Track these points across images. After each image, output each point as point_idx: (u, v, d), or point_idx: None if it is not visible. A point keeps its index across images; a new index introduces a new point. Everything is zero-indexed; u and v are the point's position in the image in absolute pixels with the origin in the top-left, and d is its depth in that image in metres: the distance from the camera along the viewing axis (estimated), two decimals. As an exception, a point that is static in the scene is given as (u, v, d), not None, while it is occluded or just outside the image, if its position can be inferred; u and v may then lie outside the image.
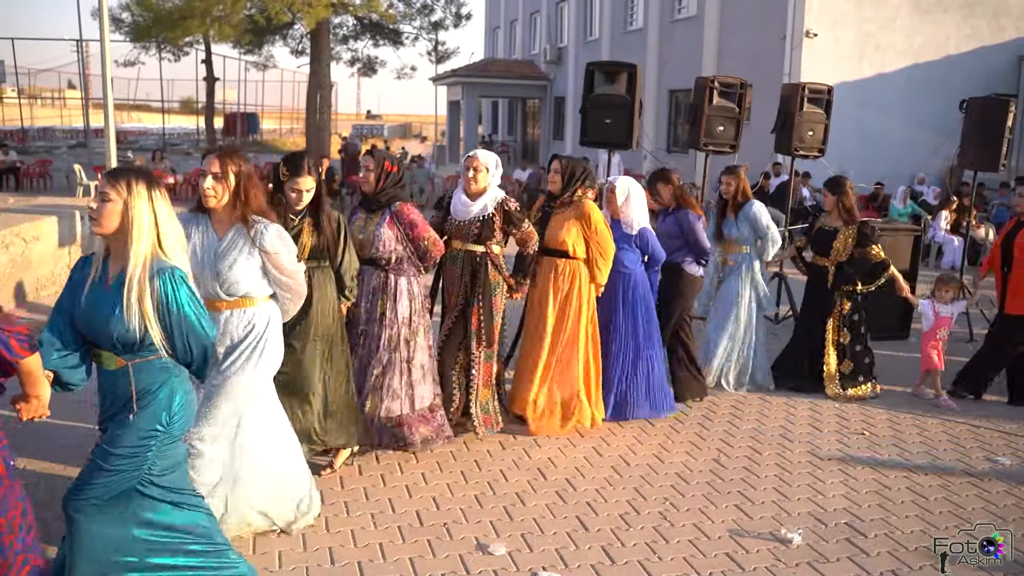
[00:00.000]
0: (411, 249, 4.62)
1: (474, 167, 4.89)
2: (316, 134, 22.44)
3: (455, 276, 5.00)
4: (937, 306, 6.36)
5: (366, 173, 4.59)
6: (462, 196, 4.96)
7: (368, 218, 4.62)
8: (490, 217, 4.91)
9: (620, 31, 25.28)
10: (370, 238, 4.55)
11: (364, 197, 4.68)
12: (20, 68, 35.92)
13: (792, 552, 3.88)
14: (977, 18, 17.17)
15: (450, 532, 3.94)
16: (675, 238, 5.84)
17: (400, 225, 4.57)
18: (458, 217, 4.96)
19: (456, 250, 4.99)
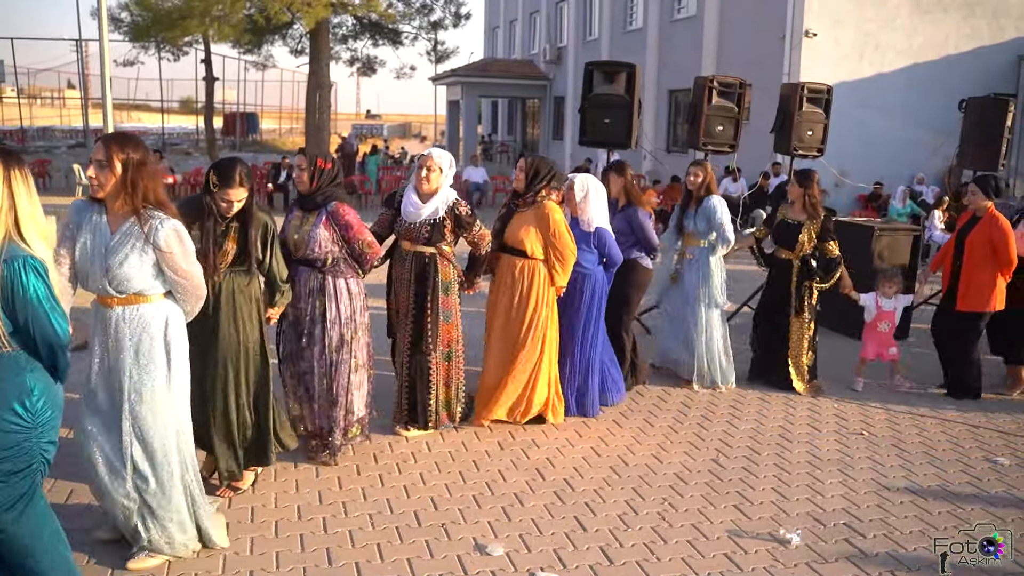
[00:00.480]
0: (347, 251, 4.54)
1: (428, 166, 4.82)
2: (315, 134, 22.42)
3: (404, 277, 4.95)
4: (880, 300, 6.51)
5: (299, 172, 4.49)
6: (413, 197, 4.88)
7: (304, 217, 4.52)
8: (441, 220, 4.85)
9: (619, 31, 25.28)
10: (305, 238, 4.46)
11: (300, 196, 4.58)
12: (19, 68, 35.94)
13: (791, 552, 3.87)
14: (977, 18, 17.16)
15: (448, 533, 3.93)
16: (625, 235, 5.87)
17: (336, 226, 4.48)
18: (408, 219, 4.89)
19: (405, 251, 4.94)
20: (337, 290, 4.52)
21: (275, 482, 4.39)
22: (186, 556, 3.55)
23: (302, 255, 4.48)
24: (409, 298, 4.93)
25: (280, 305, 4.33)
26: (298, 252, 4.49)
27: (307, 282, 4.51)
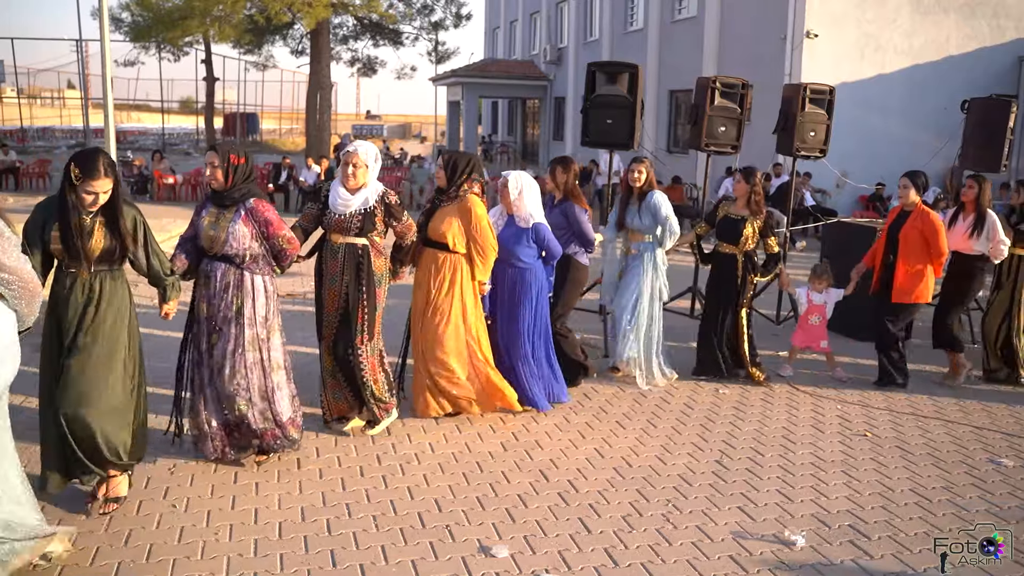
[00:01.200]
0: (267, 247, 4.47)
1: (353, 163, 4.80)
2: (316, 134, 22.43)
3: (335, 271, 4.89)
4: (811, 294, 6.76)
5: (213, 169, 4.36)
6: (341, 191, 4.86)
7: (220, 214, 4.41)
8: (372, 210, 4.84)
9: (620, 32, 25.27)
10: (221, 235, 4.36)
11: (214, 193, 4.44)
12: (20, 68, 35.97)
13: (796, 554, 3.87)
14: (977, 19, 17.15)
15: (452, 534, 3.93)
16: (562, 229, 5.89)
17: (255, 222, 4.41)
18: (337, 211, 4.86)
19: (336, 244, 4.89)
20: (255, 287, 4.44)
21: (278, 483, 4.39)
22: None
23: (219, 251, 4.39)
24: (341, 291, 4.88)
25: (174, 299, 4.26)
26: (214, 248, 4.39)
27: (223, 278, 4.41)
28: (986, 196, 6.50)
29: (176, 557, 3.61)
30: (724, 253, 6.41)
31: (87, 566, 3.51)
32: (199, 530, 3.86)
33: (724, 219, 6.41)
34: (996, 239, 6.43)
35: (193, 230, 4.51)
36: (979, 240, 6.45)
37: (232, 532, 3.84)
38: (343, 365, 5.00)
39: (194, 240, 4.50)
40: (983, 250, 6.49)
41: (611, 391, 6.18)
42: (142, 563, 3.56)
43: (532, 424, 5.42)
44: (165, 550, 3.66)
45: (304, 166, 18.90)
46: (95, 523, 3.87)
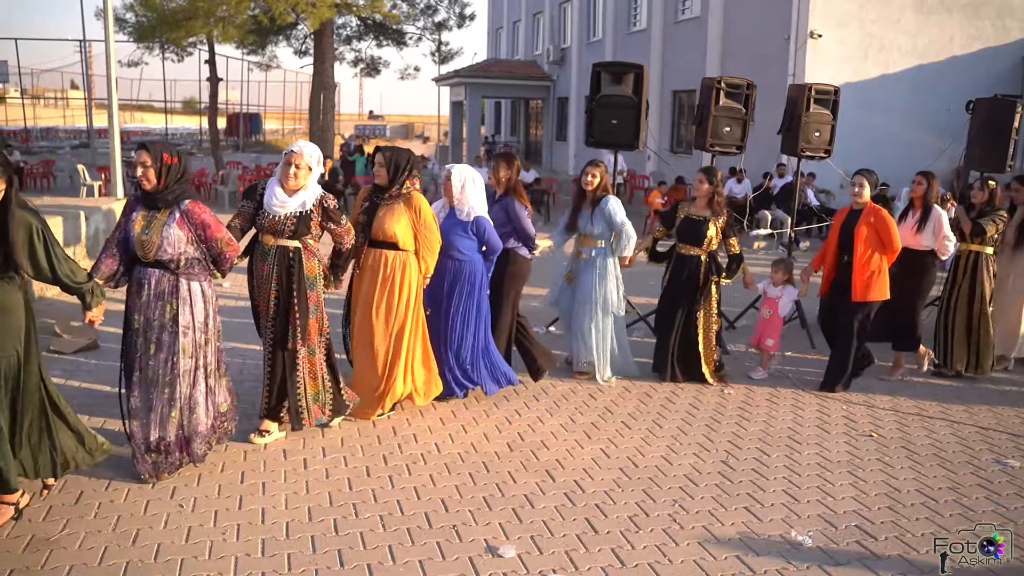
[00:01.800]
0: (203, 251, 4.28)
1: (296, 164, 4.65)
2: (319, 135, 22.42)
3: (265, 273, 4.76)
4: (767, 287, 6.74)
5: (144, 170, 4.11)
6: (278, 191, 4.70)
7: (151, 217, 4.17)
8: (308, 213, 4.71)
9: (623, 32, 25.27)
10: (155, 239, 4.13)
11: (145, 195, 4.20)
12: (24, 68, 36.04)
13: (802, 554, 3.87)
14: (981, 19, 17.13)
15: (459, 534, 3.93)
16: (502, 225, 5.87)
17: (191, 225, 4.20)
18: (272, 211, 4.69)
19: (268, 246, 4.75)
20: (191, 294, 4.25)
21: (285, 483, 4.39)
22: None
23: (153, 257, 4.16)
24: (271, 294, 4.75)
25: (96, 305, 4.00)
26: (148, 254, 4.15)
27: (157, 285, 4.20)
28: (934, 192, 6.68)
29: (184, 557, 3.61)
30: (686, 255, 6.31)
31: (95, 566, 3.52)
32: (206, 530, 3.86)
33: (685, 220, 6.32)
34: (941, 234, 6.59)
35: (122, 232, 4.25)
36: (925, 235, 6.56)
37: (239, 532, 3.85)
38: (273, 367, 4.88)
39: (125, 242, 4.23)
40: (930, 245, 6.62)
41: (616, 391, 6.19)
42: (150, 563, 3.56)
43: (538, 424, 5.43)
44: (173, 550, 3.67)
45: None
46: (102, 523, 3.88)
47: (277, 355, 4.84)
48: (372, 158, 6.05)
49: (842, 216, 6.43)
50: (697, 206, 6.32)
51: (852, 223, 6.23)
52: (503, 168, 6.01)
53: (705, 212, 6.25)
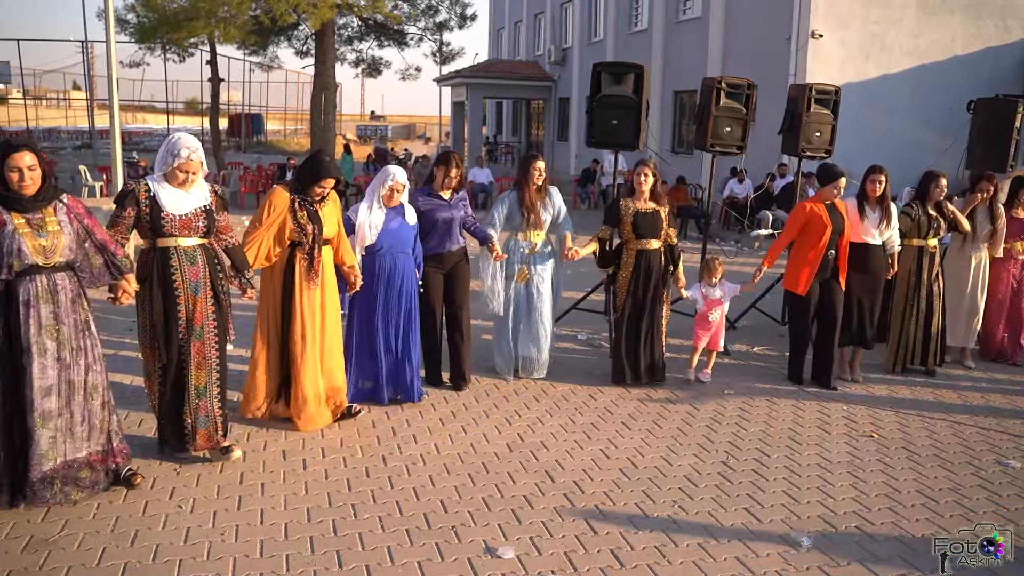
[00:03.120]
0: (92, 247, 3.99)
1: (192, 171, 4.32)
2: (321, 135, 22.44)
3: (196, 277, 4.36)
4: (705, 290, 6.60)
5: (28, 173, 3.73)
6: (171, 189, 4.32)
7: (35, 220, 3.78)
8: (210, 205, 4.44)
9: (625, 32, 25.25)
10: (59, 241, 3.81)
11: (20, 200, 3.75)
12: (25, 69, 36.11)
13: (802, 555, 3.86)
14: (983, 19, 17.11)
15: (458, 535, 3.93)
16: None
17: (76, 218, 3.92)
18: (177, 210, 4.30)
19: (188, 249, 4.35)
20: (88, 297, 4.02)
21: (284, 484, 4.39)
22: None
23: (53, 261, 3.81)
24: (206, 298, 4.41)
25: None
26: (50, 258, 3.80)
27: (63, 290, 3.87)
28: (888, 188, 6.66)
29: (182, 558, 3.61)
30: (645, 249, 6.19)
31: (93, 567, 3.52)
32: (205, 531, 3.86)
33: (639, 216, 6.16)
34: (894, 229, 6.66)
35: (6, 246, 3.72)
36: (888, 229, 6.55)
37: (238, 533, 3.85)
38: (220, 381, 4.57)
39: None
40: (884, 239, 6.59)
41: (616, 392, 6.18)
42: (148, 563, 3.56)
43: (538, 425, 5.42)
44: (172, 551, 3.67)
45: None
46: (101, 523, 3.88)
47: (217, 365, 4.52)
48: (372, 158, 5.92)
49: (825, 212, 6.28)
50: (642, 200, 6.23)
51: (839, 216, 6.30)
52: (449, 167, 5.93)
53: (652, 204, 6.22)
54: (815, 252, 6.25)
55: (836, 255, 6.33)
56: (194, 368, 4.42)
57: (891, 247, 6.64)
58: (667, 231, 6.27)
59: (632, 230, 6.17)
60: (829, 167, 6.44)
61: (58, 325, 3.84)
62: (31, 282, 3.77)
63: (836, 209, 6.34)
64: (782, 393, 6.30)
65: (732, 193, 16.30)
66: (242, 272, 4.72)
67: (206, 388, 4.47)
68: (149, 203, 4.27)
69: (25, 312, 3.76)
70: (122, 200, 4.30)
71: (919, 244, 6.80)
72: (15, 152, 3.72)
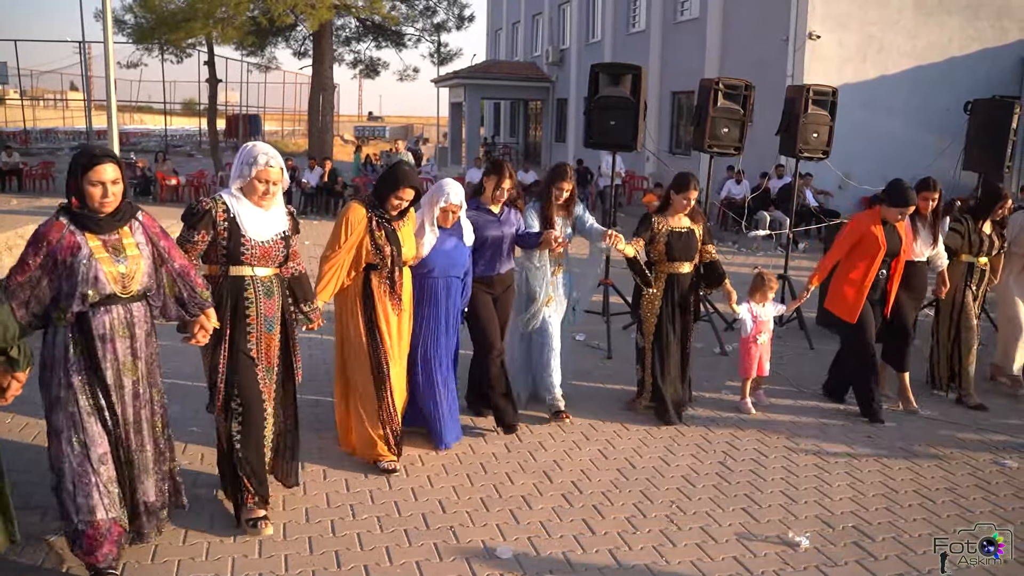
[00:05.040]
0: (172, 278, 3.46)
1: (272, 181, 3.74)
2: (318, 136, 22.46)
3: (272, 311, 3.85)
4: (753, 308, 5.90)
5: (108, 188, 3.21)
6: (253, 209, 3.76)
7: (111, 242, 3.27)
8: (288, 231, 3.91)
9: (622, 33, 25.26)
10: (139, 267, 3.32)
11: (96, 219, 3.24)
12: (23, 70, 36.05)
13: (800, 555, 3.87)
14: (980, 20, 17.14)
15: (456, 535, 3.93)
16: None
17: (150, 239, 3.40)
18: (259, 235, 3.75)
19: (265, 280, 3.81)
20: (156, 331, 3.53)
21: (282, 485, 4.39)
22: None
23: (132, 290, 3.31)
24: (276, 337, 3.90)
25: (26, 370, 3.17)
26: (128, 287, 3.30)
27: (139, 323, 3.38)
28: (940, 204, 6.10)
29: (181, 558, 3.61)
30: (678, 273, 5.53)
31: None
32: (203, 531, 3.86)
33: (673, 236, 5.47)
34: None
35: (55, 274, 3.19)
36: (936, 247, 6.08)
37: (236, 533, 3.84)
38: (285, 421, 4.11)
39: (36, 286, 3.19)
40: (929, 255, 6.09)
41: (613, 393, 6.18)
42: (147, 564, 3.56)
43: (536, 425, 5.42)
44: (170, 551, 3.66)
45: (307, 167, 18.93)
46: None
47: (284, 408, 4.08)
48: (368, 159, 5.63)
49: (881, 229, 5.63)
50: (675, 218, 5.53)
51: (896, 235, 5.69)
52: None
53: (687, 222, 5.55)
54: (859, 273, 5.64)
55: (887, 276, 5.75)
56: (271, 407, 3.96)
57: (938, 264, 6.12)
58: (705, 249, 5.63)
59: (665, 251, 5.49)
60: (904, 188, 5.64)
61: (135, 362, 3.39)
62: (107, 314, 3.27)
63: (895, 229, 5.70)
64: (779, 394, 6.30)
65: (730, 194, 16.32)
66: (302, 304, 4.11)
67: (273, 426, 4.02)
68: (228, 225, 3.70)
69: (102, 348, 3.28)
70: (195, 221, 3.70)
71: (968, 260, 6.24)
72: (99, 164, 3.20)
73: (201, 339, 3.60)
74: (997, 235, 6.33)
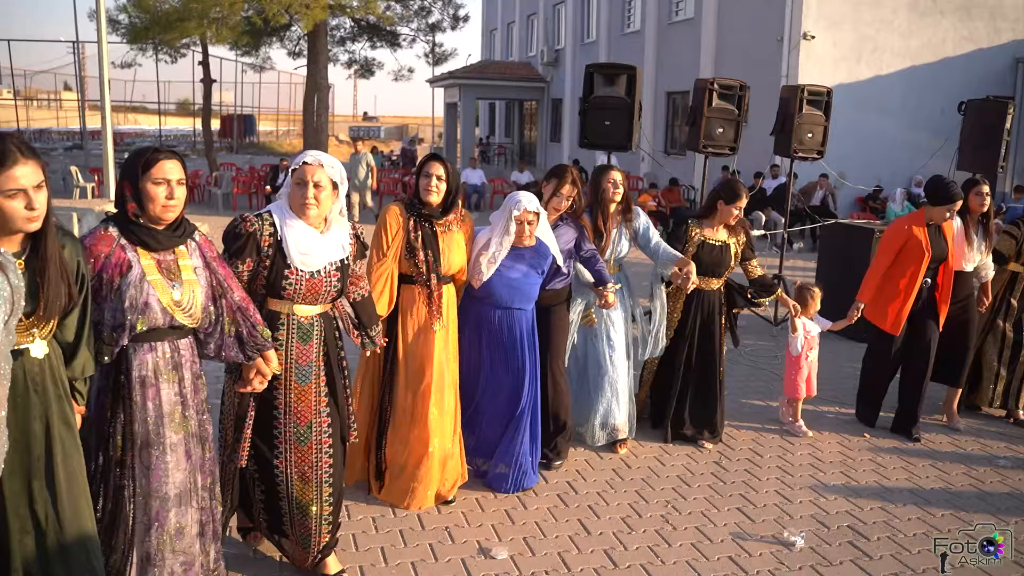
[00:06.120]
0: (231, 313, 2.93)
1: (316, 183, 3.14)
2: (313, 136, 22.40)
3: (309, 359, 3.27)
4: (806, 323, 5.47)
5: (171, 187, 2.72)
6: (305, 228, 3.17)
7: (167, 263, 2.78)
8: (348, 259, 3.34)
9: (617, 33, 25.29)
10: (193, 294, 2.81)
11: (151, 232, 2.75)
12: (16, 70, 35.90)
13: (795, 555, 3.87)
14: (974, 20, 17.20)
15: (452, 536, 3.93)
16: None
17: (209, 267, 2.90)
18: (308, 266, 3.18)
19: (306, 320, 3.26)
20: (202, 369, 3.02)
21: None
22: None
23: (186, 323, 2.81)
24: (316, 389, 3.30)
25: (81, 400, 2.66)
26: (183, 320, 2.79)
27: (188, 363, 2.88)
28: (992, 206, 5.66)
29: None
30: (708, 291, 5.12)
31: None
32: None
33: (704, 248, 5.04)
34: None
35: (99, 296, 2.67)
36: (987, 254, 5.67)
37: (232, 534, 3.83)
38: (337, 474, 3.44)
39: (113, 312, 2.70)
40: (977, 264, 5.67)
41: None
42: (141, 565, 3.55)
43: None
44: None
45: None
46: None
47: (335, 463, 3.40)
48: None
49: (924, 232, 5.26)
50: (716, 229, 5.09)
51: (941, 239, 5.32)
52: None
53: (725, 235, 5.09)
54: (906, 282, 5.26)
55: (933, 284, 5.37)
56: (297, 480, 3.30)
57: (985, 275, 5.68)
58: (750, 266, 5.22)
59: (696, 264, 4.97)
60: (947, 184, 5.23)
61: (185, 411, 2.86)
62: (150, 351, 2.76)
63: (940, 232, 5.32)
64: (774, 393, 6.31)
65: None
66: (367, 328, 3.59)
67: (310, 506, 3.33)
68: (272, 251, 3.14)
69: (142, 393, 2.76)
70: (238, 247, 3.13)
71: (1015, 270, 5.80)
72: (163, 159, 2.71)
73: (258, 386, 3.10)
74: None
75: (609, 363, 4.95)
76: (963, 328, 5.63)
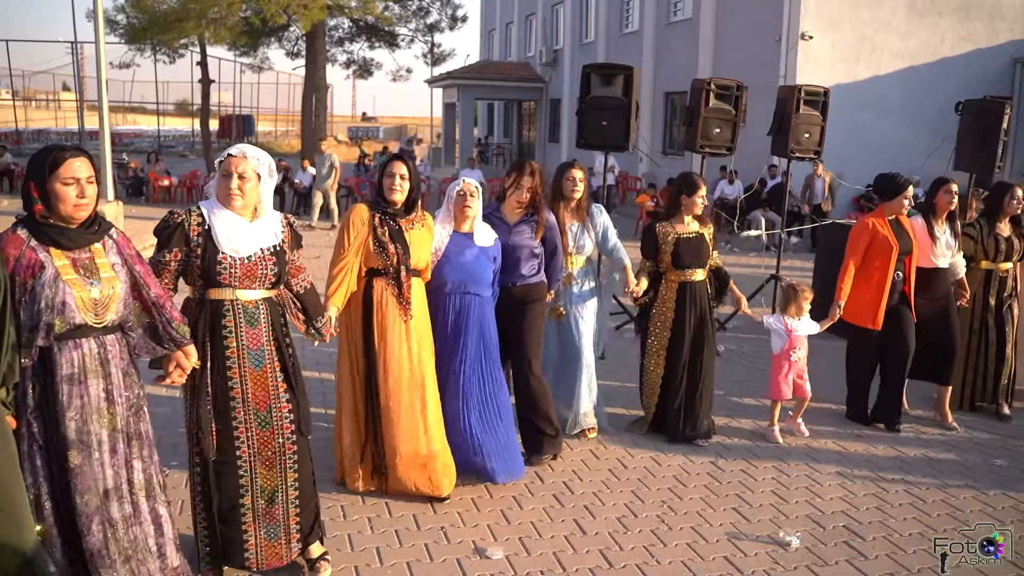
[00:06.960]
0: (146, 308, 2.97)
1: (240, 173, 3.18)
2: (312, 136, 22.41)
3: (259, 344, 3.27)
4: (788, 322, 5.40)
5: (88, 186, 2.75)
6: (232, 218, 3.21)
7: (81, 262, 2.79)
8: (282, 244, 3.35)
9: (616, 33, 25.29)
10: (112, 290, 2.83)
11: (63, 231, 2.77)
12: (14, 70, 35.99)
13: (790, 555, 3.87)
14: (972, 21, 17.21)
15: (447, 536, 3.93)
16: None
17: (125, 262, 2.92)
18: (240, 251, 3.20)
19: (249, 305, 3.25)
20: (138, 371, 3.04)
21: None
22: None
23: (105, 320, 2.81)
24: (272, 374, 3.31)
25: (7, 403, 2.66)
26: (102, 316, 2.80)
27: (115, 359, 2.88)
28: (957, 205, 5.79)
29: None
30: (690, 281, 5.16)
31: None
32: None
33: (681, 243, 5.10)
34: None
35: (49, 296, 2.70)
36: (958, 251, 5.78)
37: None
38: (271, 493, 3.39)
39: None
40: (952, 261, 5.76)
41: (607, 393, 6.17)
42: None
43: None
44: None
45: (300, 168, 18.90)
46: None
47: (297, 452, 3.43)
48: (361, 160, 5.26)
49: (887, 226, 5.43)
50: (686, 222, 5.20)
51: (905, 233, 5.47)
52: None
53: (697, 226, 5.22)
54: (880, 275, 5.36)
55: (903, 277, 5.49)
56: (261, 467, 3.32)
57: (957, 272, 5.76)
58: (714, 255, 5.32)
59: (672, 260, 5.11)
60: (892, 177, 5.50)
61: (112, 407, 2.86)
62: (76, 349, 2.77)
63: (901, 225, 5.47)
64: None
65: (723, 194, 16.34)
66: (313, 319, 3.61)
67: (277, 492, 3.36)
68: (202, 240, 3.18)
69: (68, 391, 2.75)
70: (166, 237, 3.18)
71: (988, 267, 5.88)
72: (70, 158, 2.72)
73: (177, 379, 3.11)
74: (1018, 237, 5.88)
75: (579, 353, 5.09)
76: (946, 326, 5.69)
